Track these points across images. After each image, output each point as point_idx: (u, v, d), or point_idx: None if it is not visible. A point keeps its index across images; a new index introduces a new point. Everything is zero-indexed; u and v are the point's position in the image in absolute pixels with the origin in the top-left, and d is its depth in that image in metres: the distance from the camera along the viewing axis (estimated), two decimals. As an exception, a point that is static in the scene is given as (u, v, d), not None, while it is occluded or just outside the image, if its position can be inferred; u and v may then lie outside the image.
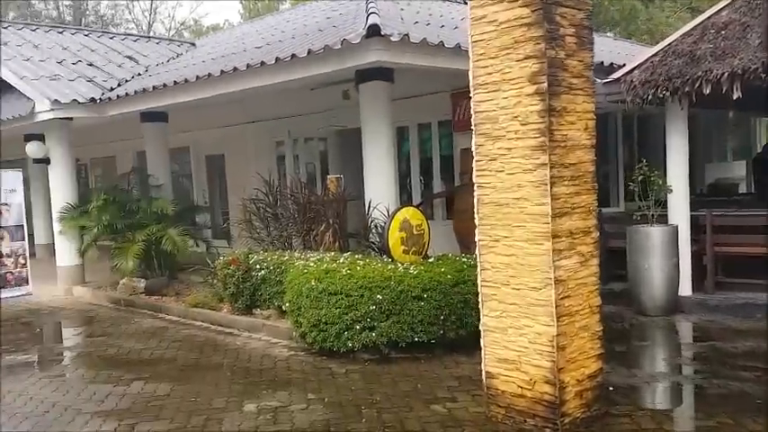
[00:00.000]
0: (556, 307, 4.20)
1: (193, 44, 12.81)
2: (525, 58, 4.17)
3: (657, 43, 8.50)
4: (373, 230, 7.50)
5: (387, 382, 5.67)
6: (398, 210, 6.83)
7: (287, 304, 6.79)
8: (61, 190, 10.59)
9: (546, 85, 4.09)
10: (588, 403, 4.47)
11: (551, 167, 4.15)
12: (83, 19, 32.88)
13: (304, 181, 8.61)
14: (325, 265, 6.65)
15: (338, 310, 6.18)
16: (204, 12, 63.23)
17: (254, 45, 9.95)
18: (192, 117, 11.80)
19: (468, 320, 6.38)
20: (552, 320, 4.21)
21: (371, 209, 7.46)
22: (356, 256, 7.06)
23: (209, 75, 7.73)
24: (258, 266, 7.73)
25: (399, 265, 6.52)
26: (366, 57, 6.44)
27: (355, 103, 8.90)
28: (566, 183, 4.27)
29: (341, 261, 6.81)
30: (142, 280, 10.09)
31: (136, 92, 9.01)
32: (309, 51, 6.58)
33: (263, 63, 7.13)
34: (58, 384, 6.00)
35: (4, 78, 10.35)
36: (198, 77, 7.94)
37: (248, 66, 7.35)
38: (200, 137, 13.27)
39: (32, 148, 10.39)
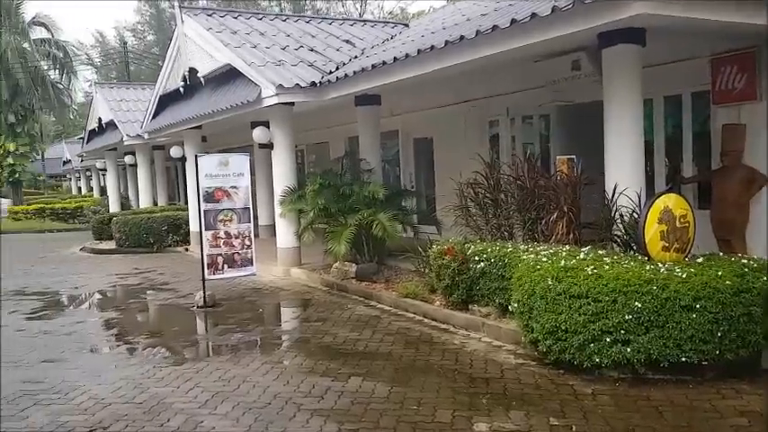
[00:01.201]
0: None
1: (407, 25, 12.49)
2: None
3: None
4: (618, 221, 6.30)
5: (649, 413, 4.55)
6: (658, 197, 5.57)
7: (515, 305, 5.92)
8: (282, 174, 10.86)
9: None
10: None
11: None
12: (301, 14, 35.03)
13: (531, 162, 7.58)
14: (563, 262, 5.65)
15: (582, 316, 5.18)
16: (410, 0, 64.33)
17: (477, 13, 9.14)
18: (402, 99, 11.43)
19: (751, 338, 5.04)
20: None
21: (617, 195, 6.26)
22: (599, 252, 5.95)
23: (432, 47, 7.07)
24: (477, 258, 6.97)
25: (660, 265, 5.28)
26: (626, 10, 5.26)
27: (587, 74, 7.68)
28: None
29: (581, 257, 5.76)
30: (353, 265, 9.94)
31: (355, 72, 8.74)
32: (554, 9, 5.58)
33: (495, 27, 6.27)
34: (279, 372, 5.81)
35: (235, 66, 10.84)
36: (420, 51, 7.33)
37: (477, 32, 6.54)
38: (409, 119, 12.89)
39: (258, 134, 10.77)
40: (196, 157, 8.87)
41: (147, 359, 6.58)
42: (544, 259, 5.89)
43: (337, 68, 10.20)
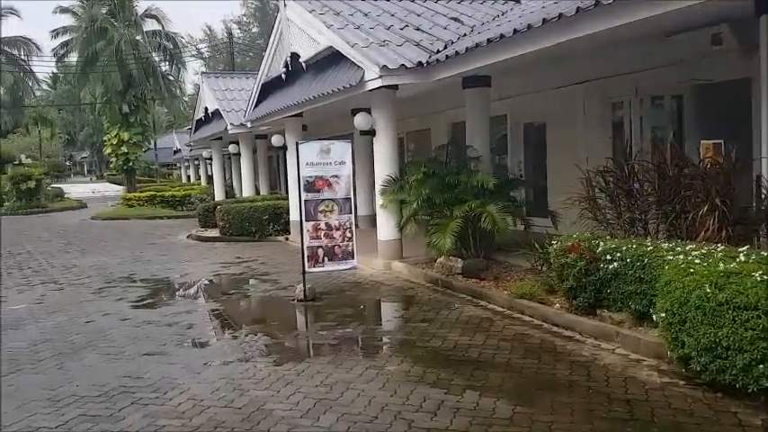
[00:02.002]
0: None
1: (518, 1, 11.54)
2: None
3: None
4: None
5: None
6: None
7: (661, 314, 5.02)
8: (384, 162, 10.35)
9: None
10: None
11: None
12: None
13: (674, 148, 6.54)
14: (722, 265, 4.70)
15: (751, 332, 4.26)
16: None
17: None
18: (512, 81, 10.54)
19: None
20: None
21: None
22: (763, 254, 4.93)
23: (560, 15, 6.18)
24: (608, 257, 6.08)
25: None
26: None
27: (729, 48, 6.58)
28: None
29: (741, 259, 4.78)
30: (459, 260, 9.26)
31: (468, 48, 7.99)
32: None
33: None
34: (384, 380, 5.25)
35: (337, 49, 10.42)
36: (546, 20, 6.45)
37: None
38: (519, 103, 11.95)
39: (360, 120, 10.29)
40: (297, 144, 8.50)
41: (246, 356, 6.25)
42: (696, 261, 4.96)
43: (445, 47, 9.49)
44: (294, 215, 15.55)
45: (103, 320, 7.93)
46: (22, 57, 44.65)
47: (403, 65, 9.10)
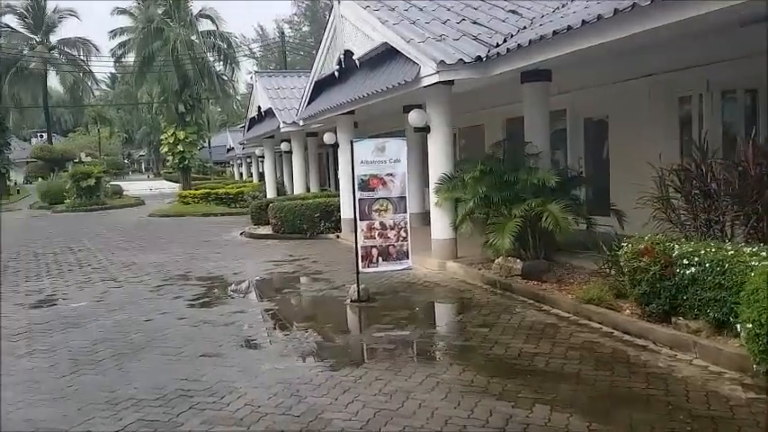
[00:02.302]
0: None
1: (578, -9, 11.07)
2: None
3: None
4: None
5: None
6: None
7: (748, 325, 4.63)
8: (439, 160, 10.10)
9: None
10: None
11: None
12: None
13: (756, 146, 6.06)
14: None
15: None
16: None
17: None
18: (572, 75, 10.10)
19: None
20: None
21: None
22: None
23: (634, 5, 5.77)
24: (685, 261, 5.69)
25: None
26: None
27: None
28: None
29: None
30: (518, 261, 8.94)
31: (531, 41, 7.63)
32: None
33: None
34: (446, 390, 5.02)
35: (392, 45, 10.22)
36: (618, 10, 6.05)
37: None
38: (579, 97, 11.47)
39: (414, 116, 10.07)
40: (352, 142, 8.34)
41: (302, 359, 6.15)
42: (787, 268, 4.55)
43: (504, 41, 9.15)
44: (345, 213, 15.48)
45: (161, 319, 7.98)
46: (81, 57, 46.37)
47: (461, 59, 8.82)
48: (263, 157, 27.65)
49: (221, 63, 34.33)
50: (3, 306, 9.25)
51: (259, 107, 23.49)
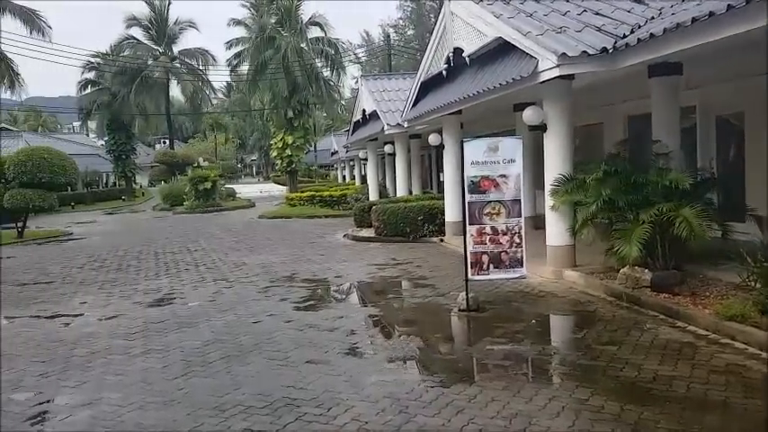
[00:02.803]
0: None
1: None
2: None
3: None
4: None
5: None
6: None
7: None
8: (555, 160, 9.44)
9: None
10: None
11: None
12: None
13: None
14: None
15: None
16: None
17: None
18: (704, 68, 9.09)
19: None
20: None
21: None
22: None
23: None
24: None
25: None
26: None
27: None
28: None
29: None
30: (646, 271, 8.14)
31: (666, 29, 6.82)
32: None
33: None
34: (573, 416, 4.50)
35: (506, 40, 9.70)
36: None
37: None
38: (711, 93, 10.34)
39: (530, 114, 9.47)
40: (462, 141, 7.92)
41: (410, 372, 5.82)
42: None
43: (631, 32, 8.37)
44: (449, 216, 15.07)
45: (269, 322, 7.95)
46: (200, 67, 49.03)
47: (584, 52, 8.14)
48: (366, 159, 27.82)
49: (328, 69, 34.99)
50: (123, 303, 9.67)
51: (364, 110, 23.59)
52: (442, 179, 27.04)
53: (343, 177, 55.17)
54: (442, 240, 15.07)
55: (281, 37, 32.42)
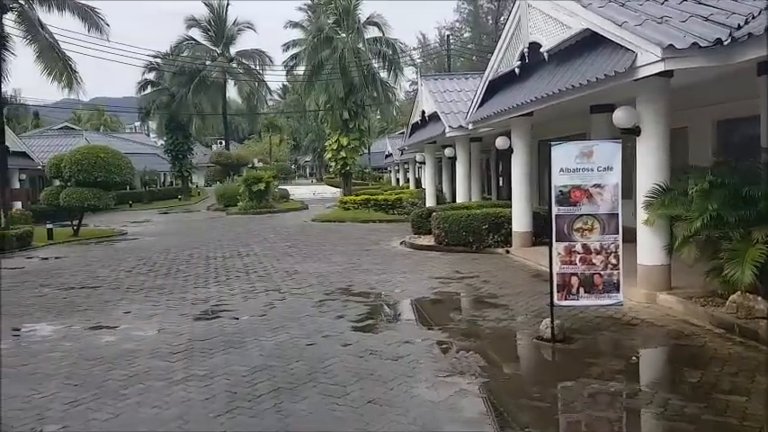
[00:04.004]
0: None
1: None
2: None
3: None
4: None
5: None
6: None
7: None
8: (650, 168, 8.28)
9: None
10: None
11: None
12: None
13: None
14: None
15: None
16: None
17: None
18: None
19: None
20: None
21: None
22: None
23: None
24: None
25: None
26: None
27: None
28: None
29: None
30: (760, 299, 6.95)
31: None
32: None
33: None
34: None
35: (596, 32, 8.60)
36: None
37: None
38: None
39: (622, 116, 8.32)
40: (550, 145, 6.86)
41: (494, 422, 4.83)
42: None
43: (746, 22, 7.15)
44: (517, 225, 13.97)
45: (324, 344, 7.10)
46: (257, 68, 49.15)
47: (695, 43, 6.97)
48: (423, 162, 26.86)
49: (385, 69, 34.24)
50: (168, 315, 9.02)
51: (423, 111, 22.65)
52: (501, 184, 25.96)
53: (397, 180, 54.32)
54: (507, 252, 13.98)
55: (339, 37, 31.84)
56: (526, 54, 11.86)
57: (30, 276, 13.31)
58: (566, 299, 6.91)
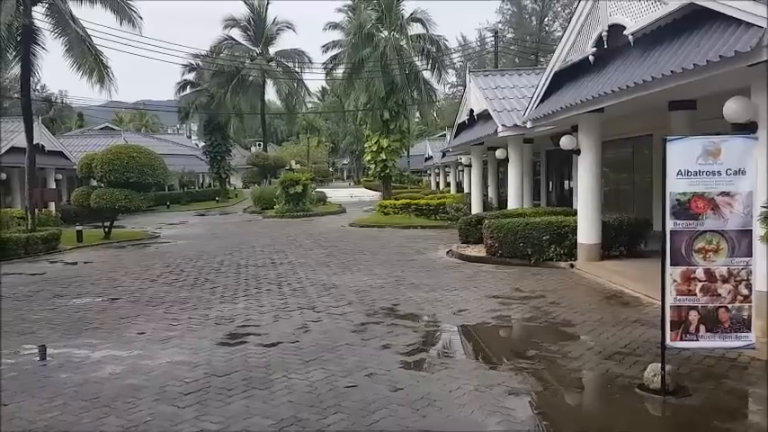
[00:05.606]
0: None
1: None
2: None
3: None
4: None
5: None
6: None
7: None
8: (774, 172, 6.65)
9: None
10: None
11: None
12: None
13: None
14: None
15: None
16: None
17: None
18: None
19: None
20: None
21: None
22: None
23: None
24: None
25: None
26: None
27: None
28: None
29: None
30: None
31: None
32: None
33: None
34: None
35: (703, 6, 7.03)
36: None
37: None
38: None
39: (734, 107, 6.73)
40: (664, 141, 5.32)
41: None
42: None
43: None
44: (583, 237, 12.36)
45: (369, 388, 5.71)
46: (296, 68, 48.21)
47: None
48: (468, 165, 25.33)
49: (428, 68, 32.81)
50: (187, 339, 7.77)
51: (471, 110, 21.11)
52: (550, 189, 24.22)
53: (437, 184, 52.75)
54: (572, 266, 12.38)
55: (380, 34, 30.56)
56: (605, 38, 10.25)
57: (47, 284, 12.30)
58: (681, 339, 5.35)
